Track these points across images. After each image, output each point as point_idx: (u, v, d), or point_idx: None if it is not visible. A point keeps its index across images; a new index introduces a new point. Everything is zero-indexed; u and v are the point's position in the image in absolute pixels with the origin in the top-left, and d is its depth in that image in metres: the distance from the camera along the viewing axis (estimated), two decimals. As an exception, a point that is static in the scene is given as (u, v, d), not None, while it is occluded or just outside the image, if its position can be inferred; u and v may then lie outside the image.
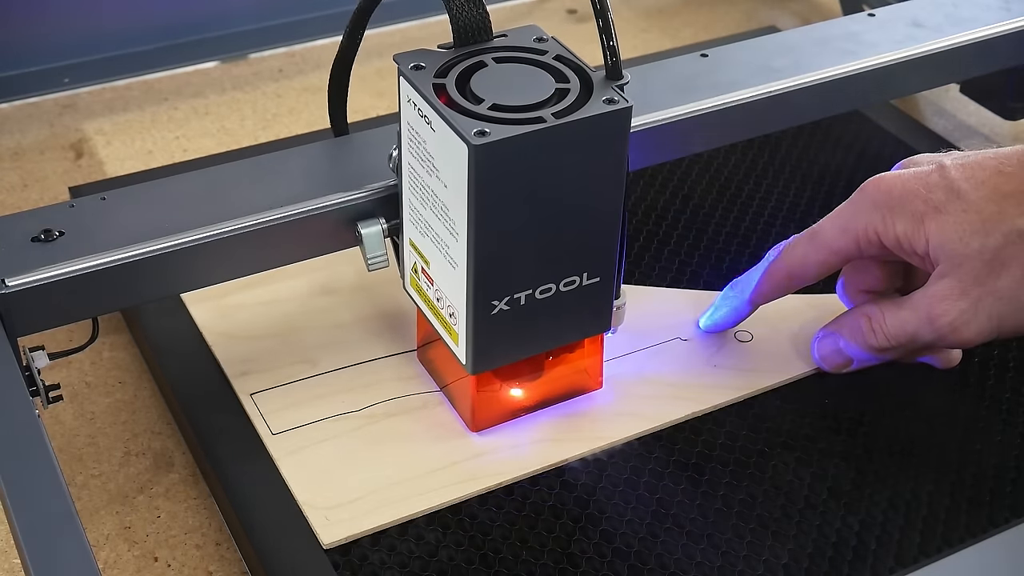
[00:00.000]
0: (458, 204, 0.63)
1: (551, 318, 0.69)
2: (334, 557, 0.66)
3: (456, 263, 0.66)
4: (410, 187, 0.69)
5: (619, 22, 1.23)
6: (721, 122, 0.83)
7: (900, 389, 0.78)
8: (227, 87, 1.10)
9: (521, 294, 0.67)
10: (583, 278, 0.68)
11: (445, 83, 0.64)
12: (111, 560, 0.70)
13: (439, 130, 0.63)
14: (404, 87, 0.66)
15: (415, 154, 0.67)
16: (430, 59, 0.66)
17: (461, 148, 0.61)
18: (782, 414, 0.76)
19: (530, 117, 0.62)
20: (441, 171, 0.64)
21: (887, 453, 0.74)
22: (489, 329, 0.67)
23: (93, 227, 0.70)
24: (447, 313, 0.69)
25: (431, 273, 0.69)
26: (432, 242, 0.68)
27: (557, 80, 0.65)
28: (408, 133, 0.67)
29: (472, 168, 0.61)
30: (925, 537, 0.69)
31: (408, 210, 0.70)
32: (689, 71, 0.85)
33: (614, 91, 0.64)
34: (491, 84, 0.64)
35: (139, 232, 0.69)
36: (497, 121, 0.62)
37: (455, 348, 0.69)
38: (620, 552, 0.67)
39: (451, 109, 0.63)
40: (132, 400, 0.80)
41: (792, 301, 0.82)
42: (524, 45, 0.68)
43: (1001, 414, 0.77)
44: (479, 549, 0.67)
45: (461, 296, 0.66)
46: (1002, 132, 1.08)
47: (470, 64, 0.66)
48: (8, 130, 1.05)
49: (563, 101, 0.64)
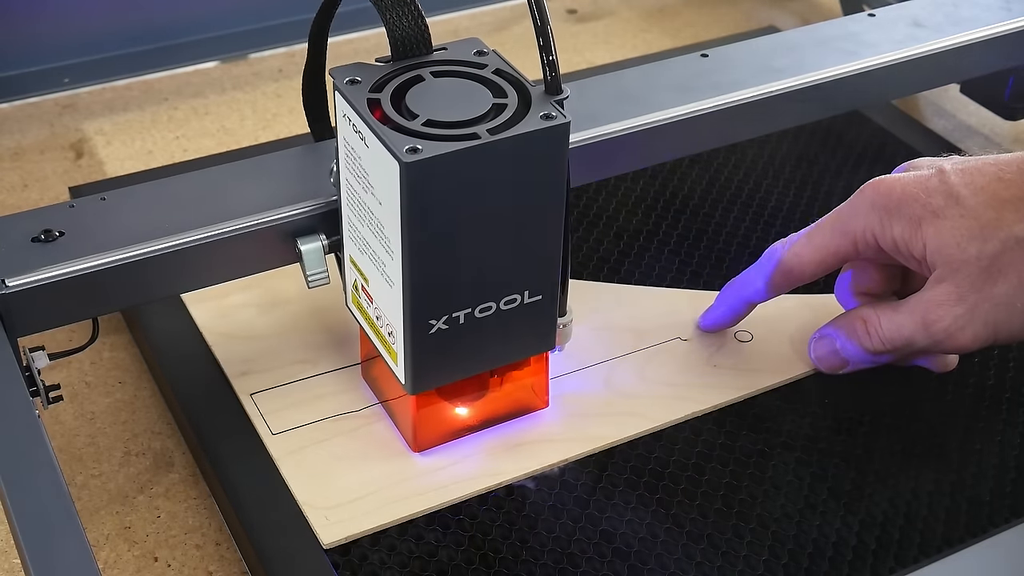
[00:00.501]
0: (392, 222, 0.62)
1: (492, 337, 0.67)
2: (334, 557, 0.66)
3: (392, 281, 0.64)
4: (348, 203, 0.67)
5: (619, 22, 1.23)
6: (722, 122, 0.83)
7: (900, 389, 0.78)
8: (227, 87, 1.10)
9: (460, 313, 0.65)
10: (524, 296, 0.66)
11: (380, 98, 0.63)
12: (111, 560, 0.70)
13: (372, 147, 0.61)
14: (339, 102, 0.64)
15: (352, 170, 0.65)
16: (367, 73, 0.65)
17: (393, 165, 0.59)
18: (782, 414, 0.76)
19: (464, 133, 0.61)
20: (376, 188, 0.63)
21: (887, 453, 0.74)
22: (427, 348, 0.65)
23: (93, 227, 0.70)
24: (386, 332, 0.67)
25: (370, 291, 0.68)
26: (370, 260, 0.66)
27: (495, 95, 0.64)
28: (344, 149, 0.65)
29: (404, 186, 0.59)
30: (925, 537, 0.69)
31: (347, 227, 0.69)
32: (690, 71, 0.85)
33: (552, 106, 0.62)
34: (427, 99, 0.63)
35: (139, 232, 0.69)
36: (430, 137, 0.60)
37: (394, 367, 0.68)
38: (620, 552, 0.67)
39: (384, 125, 0.61)
40: (132, 400, 0.80)
41: (791, 301, 0.82)
42: (464, 59, 0.66)
43: (1001, 414, 0.77)
44: (479, 549, 0.67)
45: (398, 315, 0.65)
46: (1002, 132, 1.08)
47: (407, 78, 0.65)
48: (8, 130, 1.05)
49: (499, 117, 0.62)
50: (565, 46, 1.18)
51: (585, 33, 1.20)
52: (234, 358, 0.78)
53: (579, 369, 0.78)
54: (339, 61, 0.67)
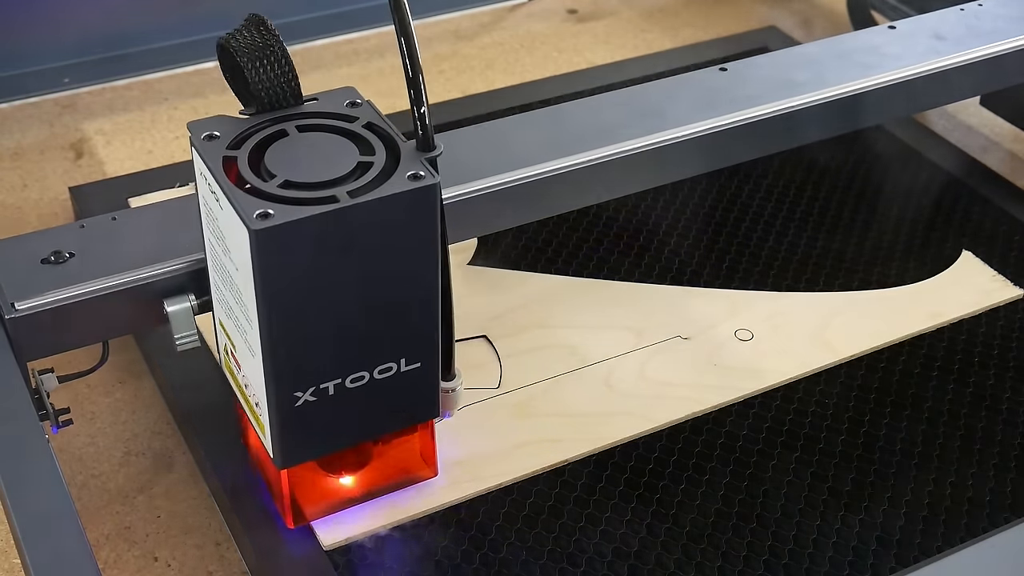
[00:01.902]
0: (248, 289, 0.57)
1: (368, 407, 0.63)
2: (334, 557, 0.66)
3: (254, 351, 0.60)
4: (212, 264, 0.63)
5: (619, 22, 1.23)
6: (743, 138, 0.80)
7: (900, 389, 0.78)
8: (227, 87, 1.10)
9: (328, 383, 0.60)
10: (401, 364, 0.62)
11: (237, 156, 0.58)
12: (111, 560, 0.70)
13: (226, 209, 0.57)
14: (196, 159, 0.59)
15: (212, 231, 0.61)
16: (227, 127, 0.60)
17: (243, 231, 0.55)
18: (782, 414, 0.76)
19: (322, 196, 0.56)
20: (232, 252, 0.58)
21: (887, 453, 0.74)
22: (295, 421, 0.61)
23: (103, 248, 0.68)
24: (254, 402, 0.63)
25: (238, 357, 0.63)
26: (235, 325, 0.62)
27: (362, 152, 0.59)
28: (204, 208, 0.61)
29: (255, 253, 0.55)
30: (925, 537, 0.69)
31: (214, 288, 0.64)
32: (708, 86, 0.82)
33: (422, 165, 0.58)
34: (287, 157, 0.58)
35: (150, 253, 0.67)
36: (286, 200, 0.56)
37: (264, 439, 0.64)
38: (620, 552, 0.67)
39: (237, 187, 0.57)
40: (132, 400, 0.80)
41: (791, 300, 0.82)
42: (334, 111, 0.61)
43: (1001, 414, 0.77)
44: (479, 549, 0.67)
45: (261, 386, 0.60)
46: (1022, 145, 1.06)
47: (270, 133, 0.60)
48: (8, 130, 1.05)
49: (363, 177, 0.57)
50: (565, 46, 1.18)
51: (585, 33, 1.20)
52: (234, 358, 0.78)
53: (579, 369, 0.78)
54: (339, 60, 0.66)
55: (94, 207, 0.90)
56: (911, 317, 0.83)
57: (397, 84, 1.11)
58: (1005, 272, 0.86)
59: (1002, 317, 0.83)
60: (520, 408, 0.75)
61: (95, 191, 0.93)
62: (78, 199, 0.92)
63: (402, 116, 1.02)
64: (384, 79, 1.11)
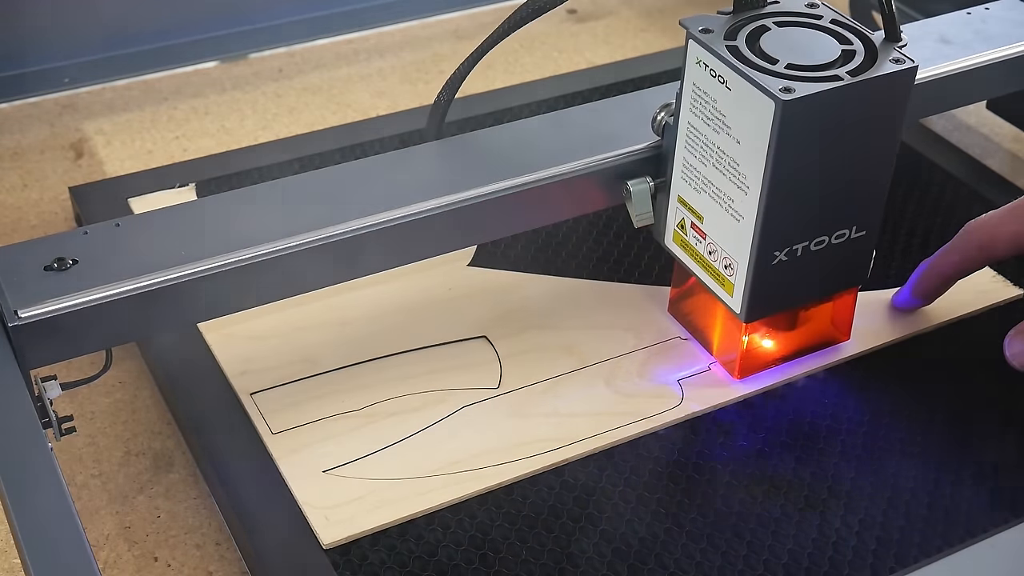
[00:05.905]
0: (752, 159, 0.66)
1: (820, 269, 0.72)
2: (334, 557, 0.66)
3: (741, 216, 0.69)
4: (687, 146, 0.72)
5: (619, 22, 1.23)
6: None
7: (900, 389, 0.78)
8: (227, 87, 1.10)
9: (799, 245, 0.70)
10: (852, 231, 0.71)
11: (737, 45, 0.68)
12: (111, 560, 0.70)
13: (737, 89, 0.66)
14: (693, 49, 0.68)
15: (699, 113, 0.70)
16: (714, 23, 0.69)
17: (766, 104, 0.64)
18: (782, 414, 0.76)
19: (827, 75, 0.66)
20: (733, 128, 0.67)
21: (887, 453, 0.74)
22: (766, 279, 0.70)
23: (107, 255, 0.68)
24: (721, 265, 0.72)
25: (703, 228, 0.72)
26: (711, 197, 0.71)
27: (840, 42, 0.68)
28: (693, 94, 0.70)
29: (776, 123, 0.64)
30: (925, 537, 0.69)
31: (681, 168, 0.73)
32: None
33: (898, 52, 0.68)
34: (780, 46, 0.68)
35: (155, 260, 0.67)
36: (797, 79, 0.65)
37: (728, 299, 0.73)
38: (620, 552, 0.67)
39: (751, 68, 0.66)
40: (132, 400, 0.80)
41: (792, 301, 0.83)
42: (798, 10, 0.71)
43: (1001, 414, 0.77)
44: (479, 549, 0.67)
45: (744, 248, 0.70)
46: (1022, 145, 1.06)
47: (754, 28, 0.69)
48: (8, 130, 1.05)
49: (852, 62, 0.67)
50: (565, 46, 1.18)
51: (585, 33, 1.20)
52: (234, 358, 0.78)
53: (579, 369, 0.78)
54: (339, 60, 0.66)
55: (94, 207, 0.90)
56: (911, 317, 0.83)
57: (397, 84, 1.11)
58: (1004, 272, 0.86)
59: (1002, 317, 0.83)
60: (520, 408, 0.75)
61: (95, 191, 0.93)
62: (78, 199, 0.92)
63: (402, 116, 1.02)
64: (384, 79, 1.11)
